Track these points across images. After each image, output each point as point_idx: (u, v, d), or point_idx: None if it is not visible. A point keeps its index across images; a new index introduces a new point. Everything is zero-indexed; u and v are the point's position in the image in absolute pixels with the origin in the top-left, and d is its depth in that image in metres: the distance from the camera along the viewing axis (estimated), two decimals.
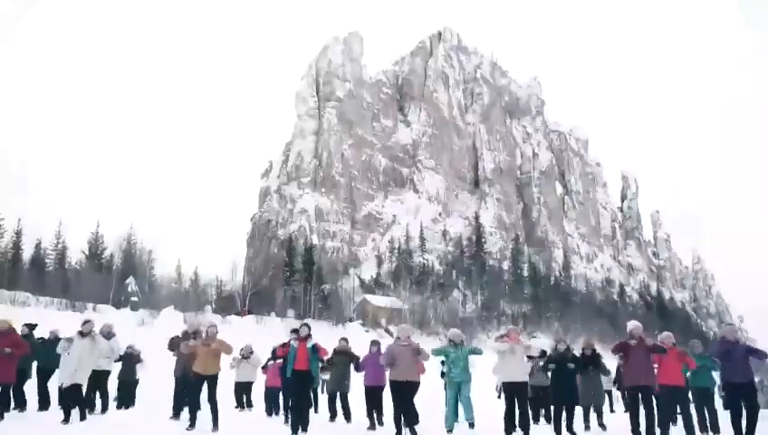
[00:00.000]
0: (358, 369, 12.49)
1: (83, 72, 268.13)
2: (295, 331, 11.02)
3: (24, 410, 12.64)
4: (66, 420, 10.56)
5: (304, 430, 10.16)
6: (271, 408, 14.83)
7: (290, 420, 10.41)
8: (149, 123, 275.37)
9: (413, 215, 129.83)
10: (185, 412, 11.64)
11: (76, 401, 10.92)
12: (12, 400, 12.19)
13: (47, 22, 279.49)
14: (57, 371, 14.02)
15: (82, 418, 10.81)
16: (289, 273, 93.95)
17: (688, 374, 11.34)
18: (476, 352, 11.55)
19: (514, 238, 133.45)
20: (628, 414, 10.47)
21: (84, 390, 11.47)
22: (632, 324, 10.15)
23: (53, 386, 13.74)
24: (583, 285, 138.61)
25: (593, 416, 12.94)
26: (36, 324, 14.13)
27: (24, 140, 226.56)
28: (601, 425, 12.69)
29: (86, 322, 11.68)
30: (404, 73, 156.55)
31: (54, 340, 13.97)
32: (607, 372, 13.10)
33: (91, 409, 12.58)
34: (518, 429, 9.95)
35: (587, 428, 12.56)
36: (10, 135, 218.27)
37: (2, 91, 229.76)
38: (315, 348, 10.58)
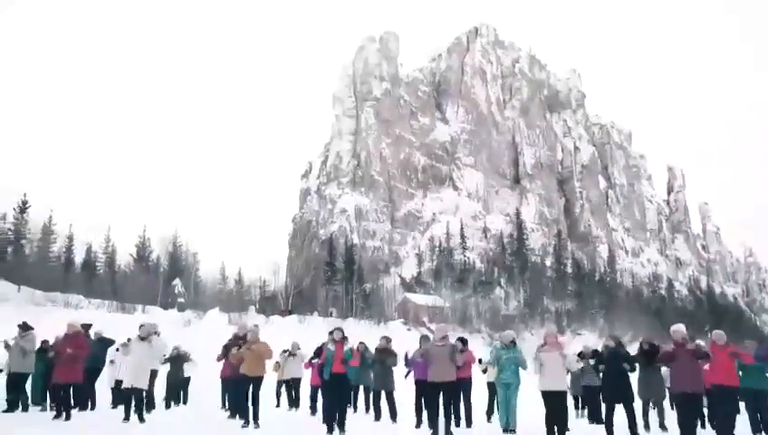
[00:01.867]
0: (407, 363, 12.38)
1: (135, 79, 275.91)
2: (332, 333, 11.22)
3: (84, 409, 13.11)
4: (127, 418, 11.08)
5: (342, 429, 10.25)
6: (314, 406, 15.00)
7: (325, 419, 10.55)
8: (193, 129, 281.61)
9: (453, 212, 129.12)
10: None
11: (137, 402, 11.38)
12: (72, 399, 12.60)
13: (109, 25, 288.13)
14: (105, 371, 14.55)
15: (141, 420, 11.24)
16: (330, 272, 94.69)
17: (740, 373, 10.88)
18: (522, 365, 11.38)
19: (557, 234, 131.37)
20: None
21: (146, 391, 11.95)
22: (674, 328, 9.90)
23: (100, 386, 14.26)
24: (629, 280, 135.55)
25: (654, 414, 12.68)
26: (91, 325, 14.65)
27: (74, 148, 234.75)
28: (662, 426, 12.36)
29: (142, 325, 12.15)
30: (441, 70, 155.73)
31: (99, 340, 14.43)
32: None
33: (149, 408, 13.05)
34: None
35: (646, 425, 12.30)
36: (62, 143, 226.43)
37: (51, 96, 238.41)
38: (351, 352, 10.72)
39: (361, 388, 14.56)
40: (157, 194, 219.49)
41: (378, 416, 13.10)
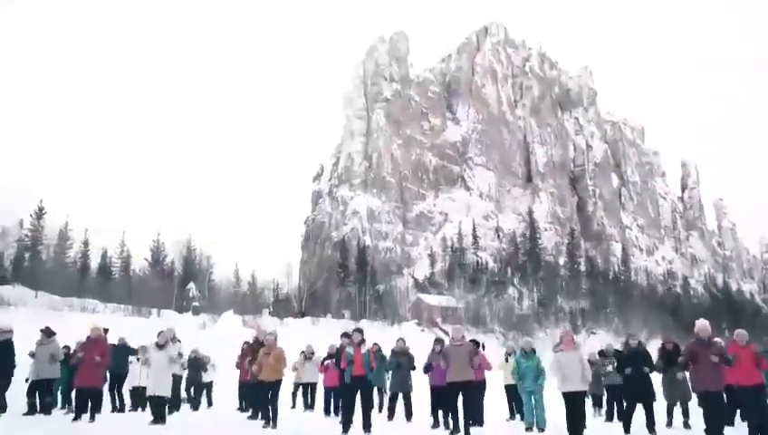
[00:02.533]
0: (425, 370, 12.43)
1: (149, 84, 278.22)
2: (346, 335, 11.32)
3: (99, 412, 13.31)
4: (155, 421, 11.33)
5: (369, 430, 10.29)
6: (329, 408, 15.10)
7: (343, 420, 10.63)
8: (205, 132, 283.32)
9: (465, 212, 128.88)
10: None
11: (160, 407, 11.62)
12: (91, 403, 12.80)
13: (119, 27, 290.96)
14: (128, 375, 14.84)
15: (163, 422, 11.44)
16: (343, 274, 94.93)
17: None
18: (542, 375, 11.46)
19: (570, 233, 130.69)
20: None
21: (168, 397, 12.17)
22: (699, 325, 9.79)
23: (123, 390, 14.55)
24: (644, 278, 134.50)
25: (678, 412, 12.65)
26: (108, 329, 14.92)
27: (89, 154, 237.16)
28: (686, 425, 12.33)
29: (161, 332, 12.37)
30: (451, 71, 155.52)
31: (122, 347, 14.69)
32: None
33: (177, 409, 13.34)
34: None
35: (669, 423, 12.32)
36: (77, 149, 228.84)
37: (67, 102, 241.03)
38: (369, 354, 10.82)
39: (375, 389, 14.58)
40: (170, 198, 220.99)
41: (391, 416, 13.18)
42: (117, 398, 14.25)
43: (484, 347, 12.41)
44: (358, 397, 10.58)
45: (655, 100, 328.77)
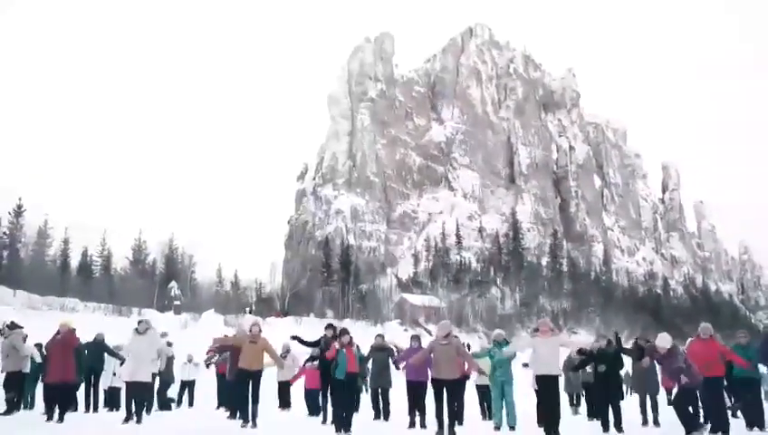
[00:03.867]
0: (397, 365, 12.54)
1: (130, 82, 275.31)
2: (331, 326, 11.36)
3: (75, 410, 13.12)
4: (128, 418, 11.03)
5: (348, 430, 10.33)
6: (312, 409, 15.04)
7: (335, 420, 10.64)
8: (188, 130, 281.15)
9: (449, 213, 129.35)
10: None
11: (139, 398, 11.30)
12: (61, 400, 12.60)
13: (66, 23, 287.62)
14: (103, 373, 14.62)
15: (139, 420, 11.11)
16: (326, 273, 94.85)
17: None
18: (511, 355, 11.62)
19: (553, 234, 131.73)
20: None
21: (148, 386, 11.92)
22: (659, 338, 10.26)
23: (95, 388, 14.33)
24: (625, 279, 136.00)
25: (650, 408, 12.86)
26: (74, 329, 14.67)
27: (68, 151, 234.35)
28: (656, 421, 12.54)
29: (141, 321, 12.13)
30: (436, 71, 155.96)
31: (99, 343, 14.49)
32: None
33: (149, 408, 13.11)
34: (549, 421, 9.93)
35: (644, 422, 12.50)
36: (56, 146, 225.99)
37: (44, 98, 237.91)
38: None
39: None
40: (153, 197, 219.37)
41: (377, 415, 13.18)
42: (92, 396, 14.02)
43: (469, 347, 12.52)
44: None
45: (637, 102, 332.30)
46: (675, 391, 10.25)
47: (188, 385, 18.33)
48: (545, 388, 10.03)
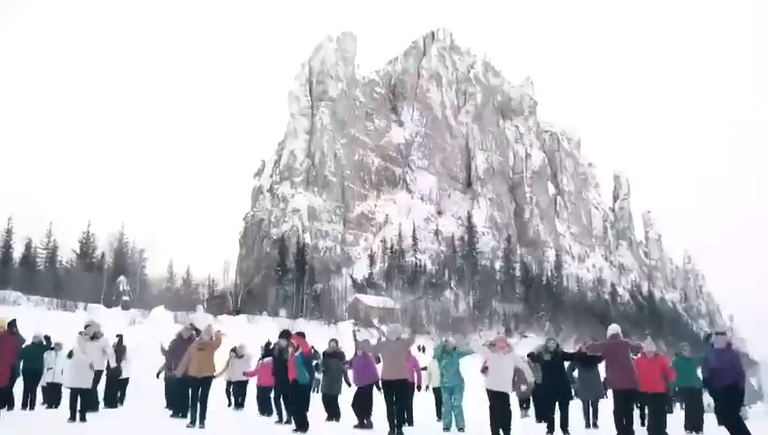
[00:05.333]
0: (348, 382, 12.68)
1: (76, 71, 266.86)
2: (287, 333, 11.36)
3: (11, 409, 12.62)
4: (72, 418, 10.93)
5: (305, 429, 10.35)
6: (263, 407, 14.81)
7: (296, 419, 10.68)
8: (142, 122, 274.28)
9: (405, 214, 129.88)
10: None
11: (83, 402, 11.19)
12: None
13: (36, 20, 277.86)
14: (45, 372, 14.10)
15: (83, 419, 11.08)
16: (281, 272, 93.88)
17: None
18: (467, 352, 11.69)
19: (507, 238, 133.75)
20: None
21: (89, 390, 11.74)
22: (611, 327, 10.96)
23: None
24: (575, 284, 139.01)
25: (591, 414, 13.19)
26: (13, 322, 14.09)
27: (14, 138, 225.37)
28: (594, 424, 12.87)
29: (89, 325, 11.88)
30: (397, 73, 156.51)
31: (39, 343, 13.97)
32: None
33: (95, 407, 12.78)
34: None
35: (587, 425, 12.82)
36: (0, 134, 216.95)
37: None
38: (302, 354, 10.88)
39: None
40: (103, 188, 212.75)
41: (330, 416, 13.07)
42: (29, 395, 13.54)
43: (424, 350, 12.60)
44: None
45: (591, 112, 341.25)
46: (612, 395, 10.56)
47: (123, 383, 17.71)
48: (496, 403, 10.03)
